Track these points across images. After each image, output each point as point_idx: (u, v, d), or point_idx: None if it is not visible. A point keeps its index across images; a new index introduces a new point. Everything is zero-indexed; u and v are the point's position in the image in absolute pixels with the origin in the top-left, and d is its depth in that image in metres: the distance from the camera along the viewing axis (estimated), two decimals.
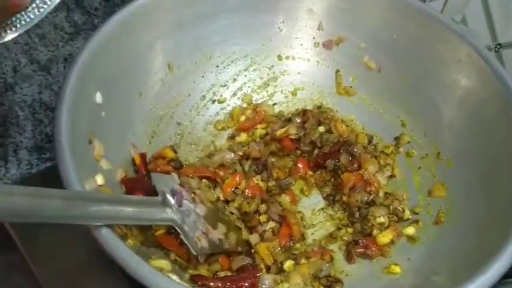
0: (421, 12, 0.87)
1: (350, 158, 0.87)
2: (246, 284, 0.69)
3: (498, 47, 1.00)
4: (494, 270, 0.60)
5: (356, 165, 0.87)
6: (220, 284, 0.68)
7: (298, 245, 0.79)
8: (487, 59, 0.80)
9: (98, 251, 0.57)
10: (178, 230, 0.70)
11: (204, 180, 0.83)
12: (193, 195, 0.77)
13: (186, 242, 0.71)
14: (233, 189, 0.83)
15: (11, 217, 0.50)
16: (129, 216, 0.63)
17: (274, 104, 0.99)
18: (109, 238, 0.57)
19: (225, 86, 0.97)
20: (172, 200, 0.70)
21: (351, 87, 0.98)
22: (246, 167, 0.88)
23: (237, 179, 0.84)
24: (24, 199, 0.49)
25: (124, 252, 0.56)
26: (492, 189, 0.75)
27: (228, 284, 0.68)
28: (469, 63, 0.83)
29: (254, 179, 0.85)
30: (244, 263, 0.74)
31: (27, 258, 0.76)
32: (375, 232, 0.80)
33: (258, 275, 0.72)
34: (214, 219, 0.77)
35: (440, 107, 0.87)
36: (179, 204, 0.71)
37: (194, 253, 0.71)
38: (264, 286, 0.71)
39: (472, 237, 0.72)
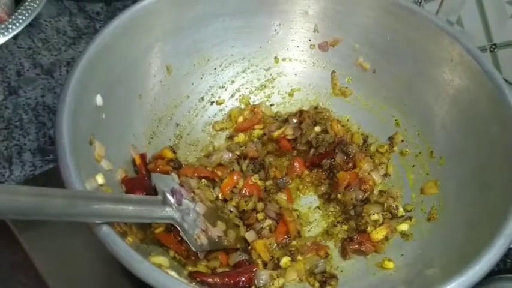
0: (414, 14, 0.89)
1: (345, 158, 0.88)
2: (243, 279, 0.70)
3: (493, 47, 1.01)
4: (483, 263, 0.61)
5: (350, 165, 0.88)
6: (218, 280, 0.69)
7: (294, 242, 0.81)
8: (478, 58, 0.81)
9: (101, 249, 0.59)
10: (178, 228, 0.72)
11: (203, 179, 0.84)
12: (192, 194, 0.78)
13: (186, 239, 0.72)
14: (231, 188, 0.85)
15: (15, 215, 0.52)
16: (130, 215, 0.64)
17: (271, 105, 1.00)
18: (109, 235, 0.59)
19: (223, 87, 0.98)
20: (172, 199, 0.72)
21: (346, 88, 0.99)
22: (244, 166, 0.89)
23: (235, 178, 0.85)
24: (29, 198, 0.51)
25: (123, 249, 0.58)
26: (483, 186, 0.76)
27: (226, 279, 0.69)
28: (460, 63, 0.84)
29: (252, 177, 0.87)
30: (240, 259, 0.75)
31: (32, 258, 0.77)
32: (369, 229, 0.81)
33: (254, 269, 0.73)
34: (213, 217, 0.79)
35: (433, 106, 0.89)
36: (179, 203, 0.73)
37: (194, 250, 0.73)
38: (260, 281, 0.72)
39: (463, 233, 0.73)
